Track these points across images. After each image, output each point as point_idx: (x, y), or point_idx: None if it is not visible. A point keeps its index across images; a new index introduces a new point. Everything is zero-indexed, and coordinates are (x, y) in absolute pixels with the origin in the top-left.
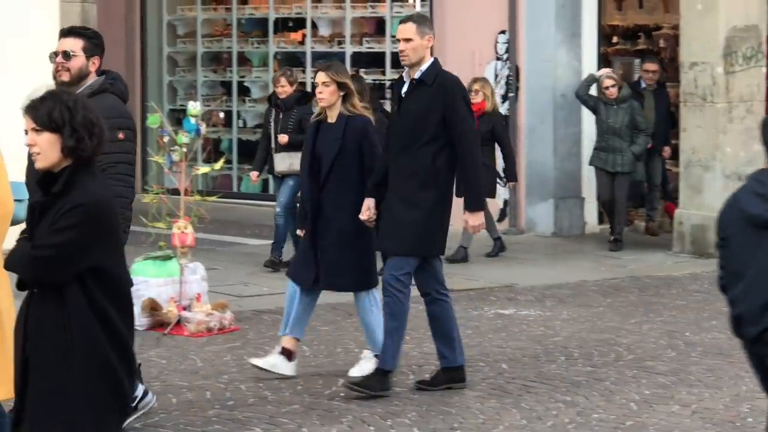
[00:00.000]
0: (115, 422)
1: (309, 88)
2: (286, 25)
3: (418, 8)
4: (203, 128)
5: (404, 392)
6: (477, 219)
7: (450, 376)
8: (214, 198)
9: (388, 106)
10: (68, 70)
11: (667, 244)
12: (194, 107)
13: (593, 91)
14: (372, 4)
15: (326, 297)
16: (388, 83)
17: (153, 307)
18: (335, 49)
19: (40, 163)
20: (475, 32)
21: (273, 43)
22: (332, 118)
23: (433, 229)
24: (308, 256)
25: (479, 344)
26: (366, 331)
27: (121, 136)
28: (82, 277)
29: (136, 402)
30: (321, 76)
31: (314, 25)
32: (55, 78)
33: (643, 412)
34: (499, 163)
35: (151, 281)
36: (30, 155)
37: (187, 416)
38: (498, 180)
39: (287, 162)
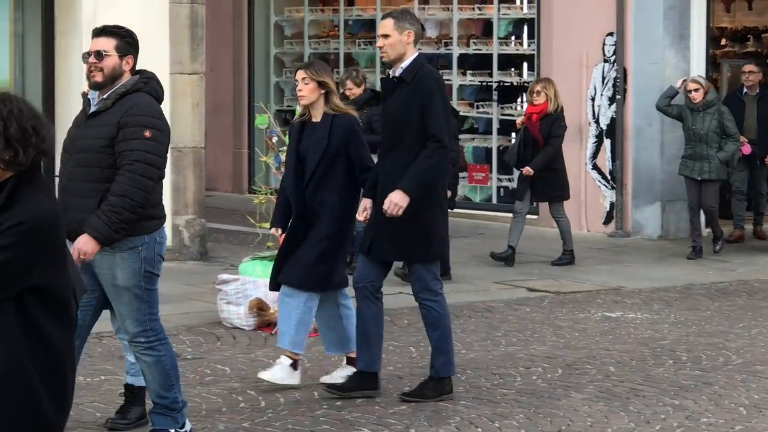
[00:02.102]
0: None
1: None
2: None
3: (525, 10)
4: (278, 131)
5: (511, 394)
6: (401, 199)
7: (363, 381)
8: None
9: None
10: (101, 70)
11: None
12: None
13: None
14: (479, 5)
15: None
16: (494, 85)
17: (260, 307)
18: (442, 50)
19: None
20: (583, 34)
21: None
22: (317, 117)
23: (428, 230)
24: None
25: (586, 347)
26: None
27: (147, 134)
28: (20, 297)
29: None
30: (300, 74)
31: (421, 27)
32: (88, 79)
33: (752, 416)
34: (607, 165)
35: (258, 281)
36: None
37: (295, 416)
38: (605, 182)
39: None
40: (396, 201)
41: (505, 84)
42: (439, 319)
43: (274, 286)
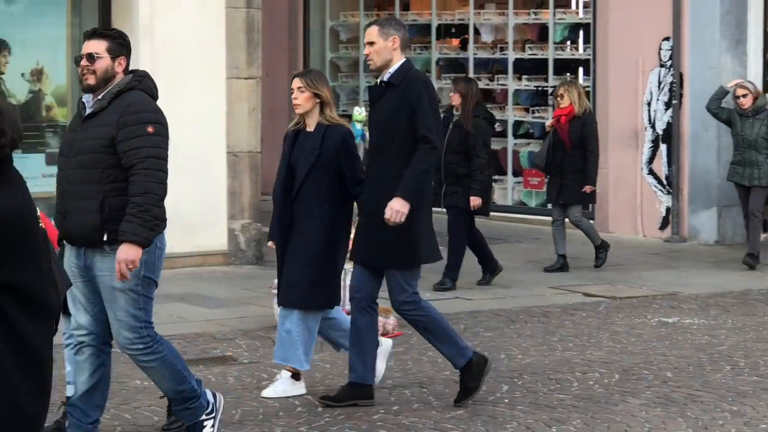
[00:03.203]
0: None
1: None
2: (449, 31)
3: (580, 15)
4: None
5: (568, 399)
6: (401, 205)
7: (357, 392)
8: None
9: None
10: (93, 72)
11: None
12: (360, 113)
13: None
14: (535, 10)
15: (491, 303)
16: (550, 90)
17: None
18: (497, 55)
19: None
20: (639, 39)
21: (435, 49)
22: (310, 126)
23: (412, 237)
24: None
25: (643, 352)
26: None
27: (150, 130)
28: None
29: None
30: (296, 82)
31: (477, 31)
32: (81, 82)
33: None
34: (663, 170)
35: None
36: None
37: (352, 420)
38: (661, 187)
39: None
40: (397, 208)
41: None
42: (430, 323)
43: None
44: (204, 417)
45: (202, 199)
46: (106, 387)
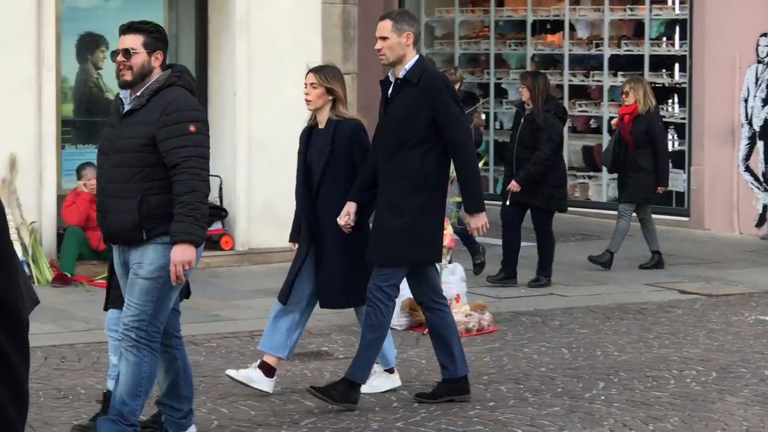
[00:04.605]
0: None
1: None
2: (544, 27)
3: (677, 11)
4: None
5: (665, 397)
6: (478, 220)
7: (452, 387)
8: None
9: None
10: (130, 68)
11: None
12: None
13: None
14: (631, 6)
15: (586, 300)
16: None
17: (412, 307)
18: (593, 51)
19: None
20: (736, 35)
21: (531, 45)
22: (322, 123)
23: (421, 236)
24: (292, 272)
25: (740, 350)
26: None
27: (192, 128)
28: None
29: None
30: (310, 77)
31: (572, 27)
32: (118, 78)
33: None
34: (760, 167)
35: None
36: None
37: (448, 416)
38: (758, 184)
39: None
40: (478, 225)
41: (657, 85)
42: (381, 324)
43: (284, 298)
44: None
45: None
46: (187, 378)
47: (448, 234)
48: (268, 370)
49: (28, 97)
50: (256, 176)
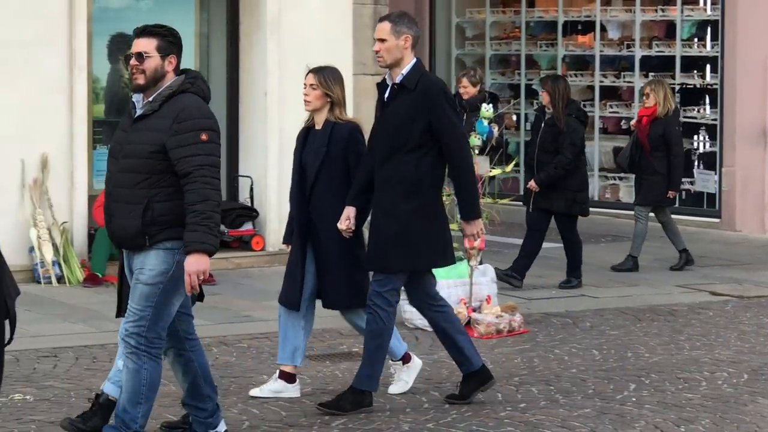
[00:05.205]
0: None
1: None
2: (575, 28)
3: (708, 11)
4: (496, 131)
5: (696, 399)
6: (473, 227)
7: (475, 380)
8: (506, 200)
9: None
10: (143, 72)
11: None
12: (487, 110)
13: None
14: (662, 7)
15: (617, 302)
16: (677, 87)
17: None
18: (624, 52)
19: None
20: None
21: (561, 46)
22: (319, 124)
23: (417, 241)
24: (296, 275)
25: None
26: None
27: (203, 137)
28: None
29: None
30: (310, 78)
31: (603, 28)
32: (131, 82)
33: None
34: None
35: (441, 282)
36: None
37: (479, 417)
38: None
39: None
40: (474, 232)
41: (688, 86)
42: (382, 331)
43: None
44: None
45: None
46: (207, 377)
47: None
48: (289, 378)
49: (59, 97)
50: (287, 176)
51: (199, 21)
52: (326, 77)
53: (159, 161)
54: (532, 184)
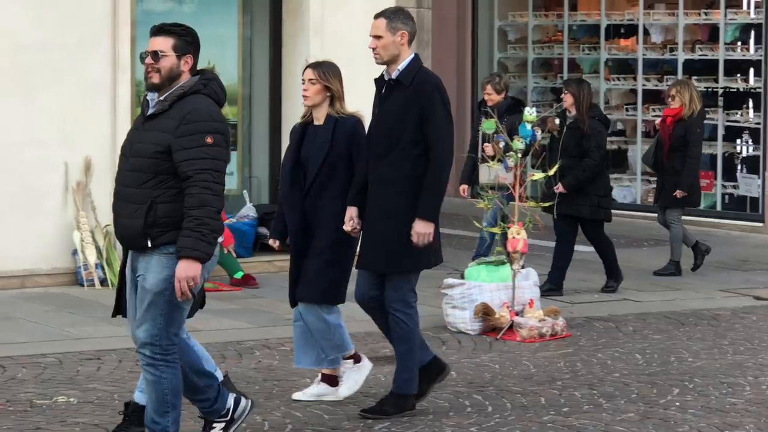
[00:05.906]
0: None
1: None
2: (618, 32)
3: (752, 15)
4: (539, 134)
5: (740, 404)
6: (424, 228)
7: (428, 373)
8: (549, 204)
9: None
10: (158, 71)
11: None
12: (530, 113)
13: None
14: (705, 10)
15: (659, 306)
16: (720, 91)
17: (486, 311)
18: (667, 56)
19: None
20: None
21: (604, 50)
22: (319, 120)
23: (412, 243)
24: (294, 273)
25: None
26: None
27: (209, 140)
28: None
29: (230, 414)
30: (308, 73)
31: (646, 32)
32: (145, 80)
33: None
34: None
35: (483, 286)
36: None
37: (522, 421)
38: None
39: (493, 173)
40: (422, 231)
41: (731, 90)
42: (409, 334)
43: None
44: (217, 419)
45: None
46: (197, 369)
47: (521, 239)
48: (331, 380)
49: (102, 100)
50: None
51: (242, 23)
52: (325, 71)
53: (163, 162)
54: (559, 187)
